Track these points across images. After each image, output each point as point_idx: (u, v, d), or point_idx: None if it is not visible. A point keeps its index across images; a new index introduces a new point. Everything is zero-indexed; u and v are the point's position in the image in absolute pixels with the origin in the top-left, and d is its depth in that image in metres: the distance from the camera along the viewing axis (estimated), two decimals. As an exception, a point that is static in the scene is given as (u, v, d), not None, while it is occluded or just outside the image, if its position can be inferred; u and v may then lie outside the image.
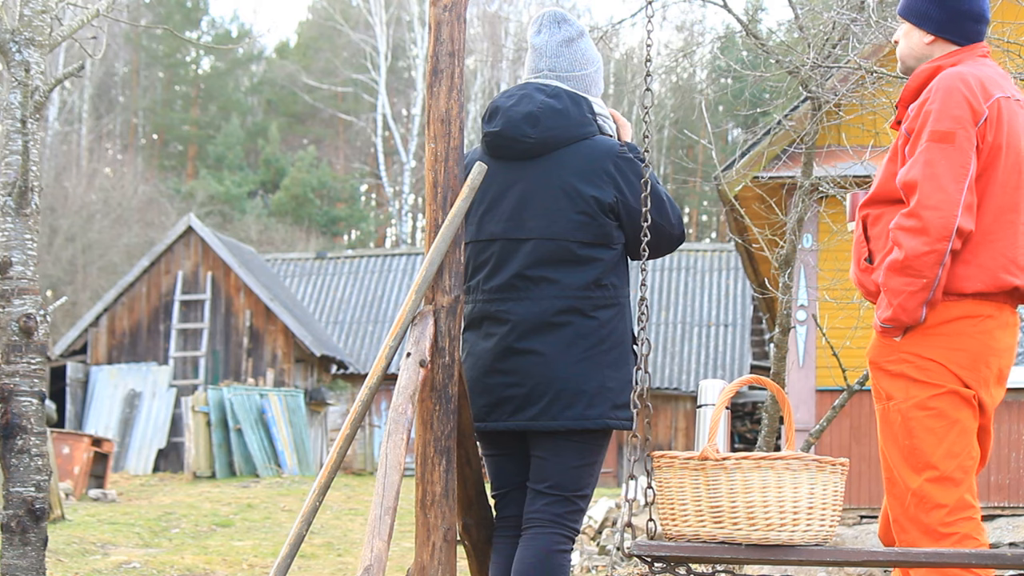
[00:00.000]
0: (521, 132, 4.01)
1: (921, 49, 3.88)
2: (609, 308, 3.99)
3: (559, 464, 3.97)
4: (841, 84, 8.04)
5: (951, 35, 3.84)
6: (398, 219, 45.23)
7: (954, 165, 3.58)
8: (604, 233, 3.97)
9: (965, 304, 3.66)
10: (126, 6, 23.73)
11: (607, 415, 3.93)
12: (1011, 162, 3.69)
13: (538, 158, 4.02)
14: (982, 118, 3.63)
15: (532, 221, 4.00)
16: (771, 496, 3.27)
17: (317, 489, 3.70)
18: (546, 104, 4.01)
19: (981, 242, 3.65)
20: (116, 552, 10.54)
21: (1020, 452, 10.04)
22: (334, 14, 45.84)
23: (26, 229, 5.53)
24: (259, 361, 25.25)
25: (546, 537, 3.93)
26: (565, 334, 3.94)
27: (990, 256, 3.65)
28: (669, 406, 27.08)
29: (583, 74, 4.13)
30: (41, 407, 5.53)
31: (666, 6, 9.52)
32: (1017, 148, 3.71)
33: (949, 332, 3.65)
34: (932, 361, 3.65)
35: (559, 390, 3.92)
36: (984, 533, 3.65)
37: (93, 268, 33.11)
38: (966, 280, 3.64)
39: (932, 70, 3.78)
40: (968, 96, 3.63)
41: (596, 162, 3.98)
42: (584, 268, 3.96)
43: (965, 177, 3.58)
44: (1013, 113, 3.72)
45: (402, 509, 4.22)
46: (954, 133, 3.59)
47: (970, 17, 3.83)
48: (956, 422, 3.64)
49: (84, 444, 16.92)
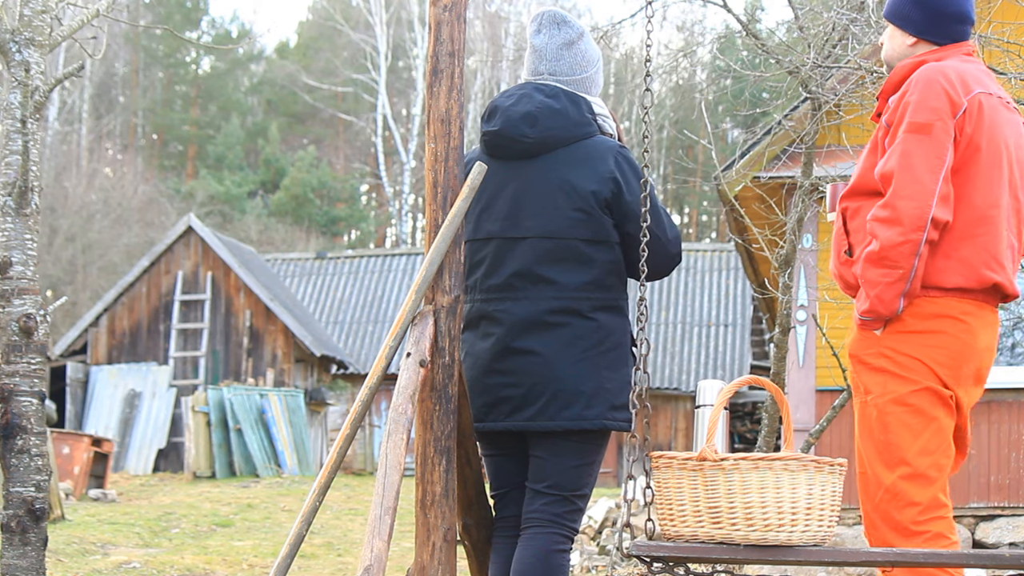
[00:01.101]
0: (519, 132, 4.01)
1: (904, 51, 3.90)
2: (608, 310, 3.99)
3: (558, 464, 3.97)
4: (841, 84, 8.04)
5: (933, 36, 3.85)
6: (398, 219, 45.23)
7: (930, 156, 3.58)
8: (602, 230, 3.97)
9: (946, 301, 3.65)
10: (126, 6, 23.74)
11: (604, 416, 3.93)
12: (991, 158, 3.68)
13: (536, 157, 4.02)
14: (960, 110, 3.63)
15: (529, 220, 4.00)
16: (770, 496, 3.27)
17: (317, 489, 3.70)
18: (544, 104, 4.02)
19: (961, 237, 3.65)
20: (116, 552, 10.54)
21: (1020, 452, 10.03)
22: (334, 14, 45.84)
23: (26, 229, 5.53)
24: (259, 361, 25.25)
25: (545, 537, 3.93)
26: (563, 334, 3.94)
27: (971, 251, 3.65)
28: (669, 406, 27.08)
29: (583, 77, 4.14)
30: (41, 407, 5.53)
31: (666, 6, 9.53)
32: (997, 145, 3.70)
33: (930, 329, 3.65)
34: (911, 357, 3.64)
35: (556, 390, 3.92)
36: (955, 532, 3.65)
37: (93, 268, 33.11)
38: (946, 274, 3.63)
39: (914, 64, 3.80)
40: (947, 88, 3.64)
41: (595, 159, 3.98)
42: (583, 268, 3.97)
43: (941, 168, 3.58)
44: (994, 110, 3.71)
45: (402, 509, 4.22)
46: (931, 124, 3.60)
47: (952, 18, 3.83)
48: (933, 419, 3.64)
49: (84, 444, 16.92)
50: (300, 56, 48.29)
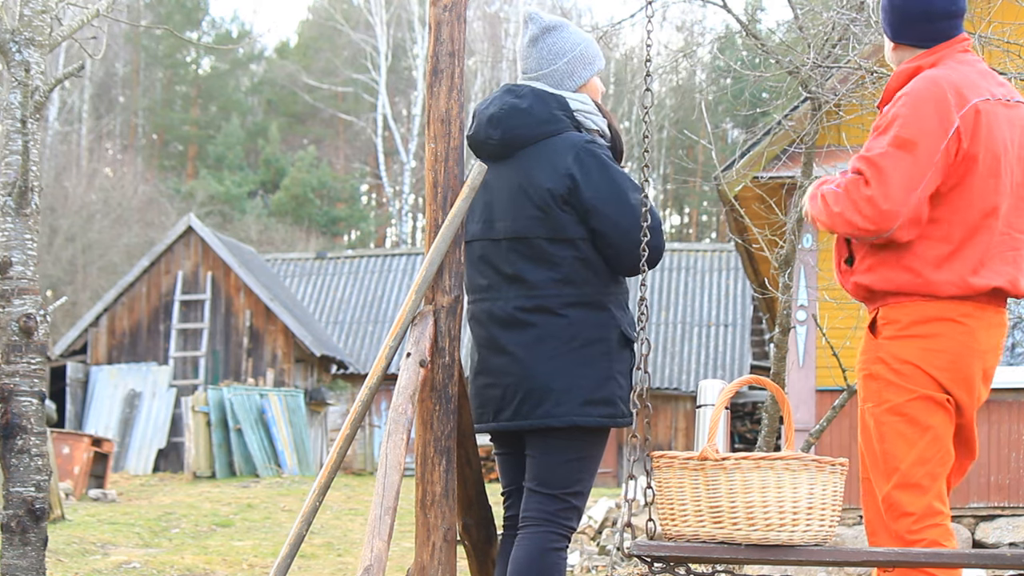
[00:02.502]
0: (486, 134, 4.03)
1: (891, 55, 3.91)
2: (581, 306, 3.94)
3: (547, 462, 3.97)
4: (841, 84, 8.04)
5: (909, 40, 3.82)
6: (398, 219, 45.23)
7: (907, 174, 3.58)
8: (561, 227, 3.92)
9: (944, 304, 3.66)
10: (126, 6, 23.73)
11: (575, 412, 3.89)
12: (988, 167, 3.67)
13: (508, 159, 4.02)
14: (952, 128, 3.61)
15: (500, 221, 4.01)
16: (771, 496, 3.27)
17: (317, 489, 3.70)
18: (508, 104, 4.01)
19: (956, 250, 3.65)
20: (116, 552, 10.54)
21: (1020, 452, 10.03)
22: (334, 14, 45.83)
23: (26, 229, 5.53)
24: (259, 361, 25.24)
25: (540, 536, 3.93)
26: (534, 333, 3.94)
27: (964, 263, 3.66)
28: (669, 406, 27.08)
29: (552, 69, 4.08)
30: (41, 407, 5.53)
31: (666, 6, 9.53)
32: (995, 152, 3.68)
33: (928, 333, 3.65)
34: (910, 364, 3.65)
35: (528, 389, 3.92)
36: (953, 538, 3.66)
37: (93, 268, 33.10)
38: (941, 286, 3.64)
39: (911, 71, 3.78)
40: (939, 106, 3.61)
41: (555, 156, 3.95)
42: (549, 266, 3.94)
43: (916, 187, 3.58)
44: (992, 115, 3.68)
45: (402, 509, 4.22)
46: (916, 143, 3.59)
47: (925, 18, 3.77)
48: (928, 428, 3.64)
49: (84, 444, 16.92)
50: (300, 56, 48.28)
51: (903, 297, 3.67)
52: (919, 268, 3.64)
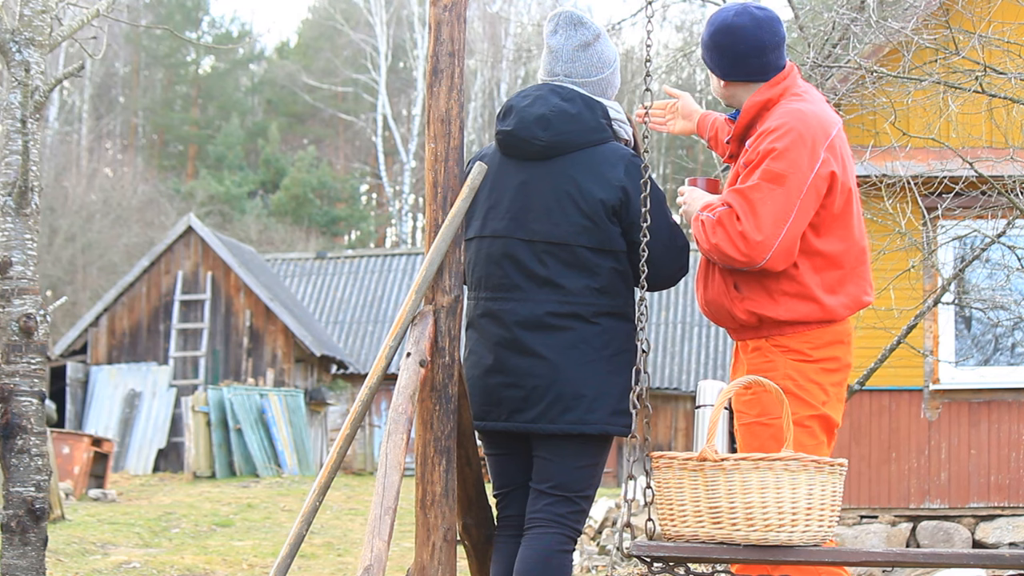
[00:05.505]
0: (532, 134, 4.00)
1: (721, 91, 3.97)
2: (613, 316, 3.98)
3: (562, 465, 3.97)
4: (841, 84, 8.04)
5: (740, 76, 3.88)
6: (398, 219, 45.24)
7: (778, 208, 3.66)
8: (608, 239, 3.95)
9: (837, 328, 3.83)
10: (126, 6, 23.71)
11: (606, 420, 3.93)
12: (855, 192, 3.84)
13: (548, 160, 4.01)
14: (817, 163, 3.70)
15: (536, 223, 3.98)
16: (770, 497, 3.27)
17: (317, 489, 3.70)
18: (559, 107, 4.00)
19: (849, 275, 3.82)
20: (116, 552, 10.54)
21: (1020, 452, 10.03)
22: (334, 14, 45.85)
23: (26, 229, 5.53)
24: (259, 361, 25.25)
25: (549, 537, 3.94)
26: (567, 338, 3.94)
27: (856, 286, 3.84)
28: (669, 406, 27.08)
29: (599, 78, 4.12)
30: (41, 407, 5.53)
31: (666, 6, 9.53)
32: (854, 175, 3.87)
33: (826, 356, 3.81)
34: (813, 382, 3.79)
35: (559, 393, 3.92)
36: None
37: (93, 268, 33.11)
38: (837, 309, 3.79)
39: (760, 104, 3.84)
40: (807, 141, 3.69)
41: (606, 166, 3.96)
42: (589, 274, 3.95)
43: (786, 219, 3.66)
44: (843, 143, 3.84)
45: (402, 509, 4.22)
46: (786, 176, 3.67)
47: (757, 53, 3.83)
48: (821, 444, 3.81)
49: (84, 444, 16.92)
50: (300, 56, 48.30)
51: (801, 326, 3.78)
52: (818, 296, 3.77)
